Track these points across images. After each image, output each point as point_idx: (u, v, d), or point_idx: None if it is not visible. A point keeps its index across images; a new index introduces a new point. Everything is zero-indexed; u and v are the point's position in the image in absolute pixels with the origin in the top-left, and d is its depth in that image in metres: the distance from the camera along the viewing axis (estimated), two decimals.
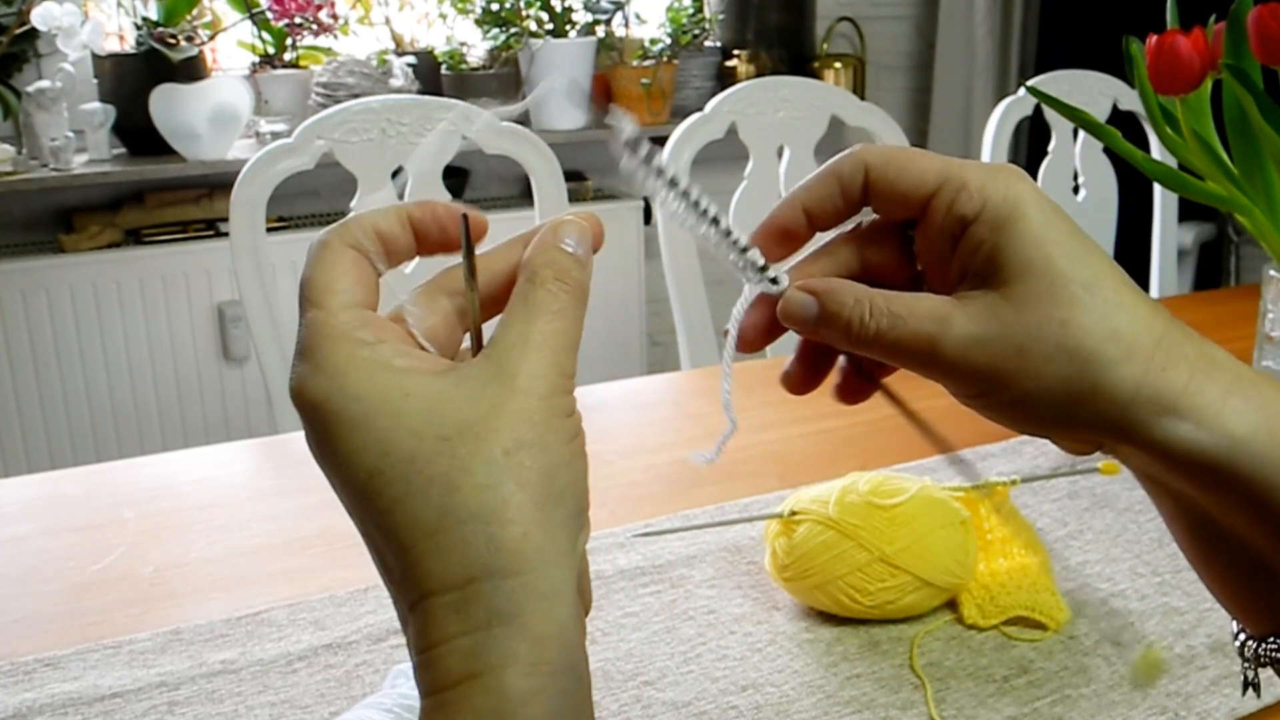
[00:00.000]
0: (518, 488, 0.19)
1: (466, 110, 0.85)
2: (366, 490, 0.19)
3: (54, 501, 0.54)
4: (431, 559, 0.19)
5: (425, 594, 0.19)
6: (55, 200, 1.39)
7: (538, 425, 0.20)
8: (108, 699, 0.38)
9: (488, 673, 0.18)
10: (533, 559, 0.19)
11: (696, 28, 1.56)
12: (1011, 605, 0.41)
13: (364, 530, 0.20)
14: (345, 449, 0.19)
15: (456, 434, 0.19)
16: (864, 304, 0.23)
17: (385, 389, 0.20)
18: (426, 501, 0.19)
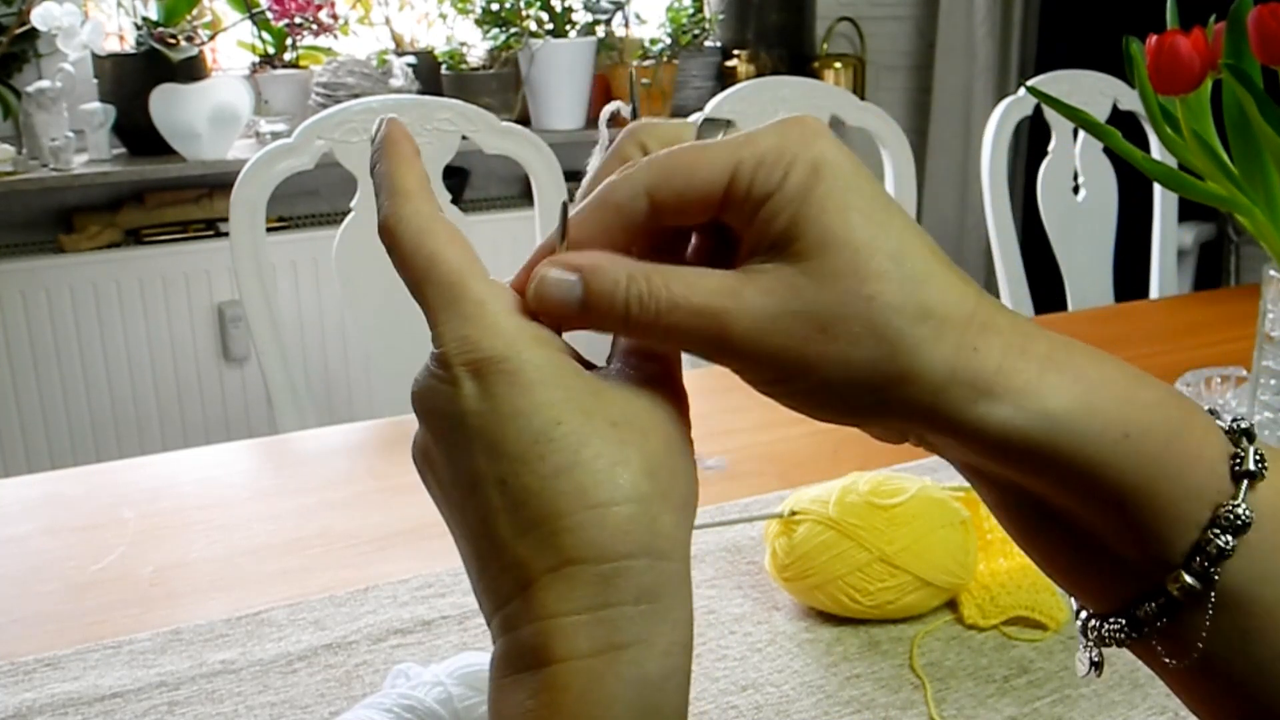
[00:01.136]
0: (671, 483, 0.20)
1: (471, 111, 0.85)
2: (528, 454, 0.19)
3: (54, 501, 0.54)
4: (591, 529, 0.18)
5: (571, 560, 0.18)
6: (55, 200, 1.39)
7: (682, 438, 0.21)
8: (108, 699, 0.37)
9: (631, 647, 0.18)
10: (680, 549, 0.19)
11: (696, 28, 1.56)
12: (1012, 605, 0.41)
13: (492, 488, 0.19)
14: (513, 408, 0.19)
15: (624, 423, 0.19)
16: (639, 282, 0.19)
17: (559, 363, 0.19)
18: (594, 476, 0.19)
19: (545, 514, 0.19)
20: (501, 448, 0.19)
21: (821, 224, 0.19)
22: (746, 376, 0.20)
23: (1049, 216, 1.04)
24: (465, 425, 0.19)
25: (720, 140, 0.20)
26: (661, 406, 0.21)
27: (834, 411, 0.20)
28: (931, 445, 0.20)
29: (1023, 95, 1.02)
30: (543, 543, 0.19)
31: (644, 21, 1.61)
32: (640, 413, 0.20)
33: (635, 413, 0.20)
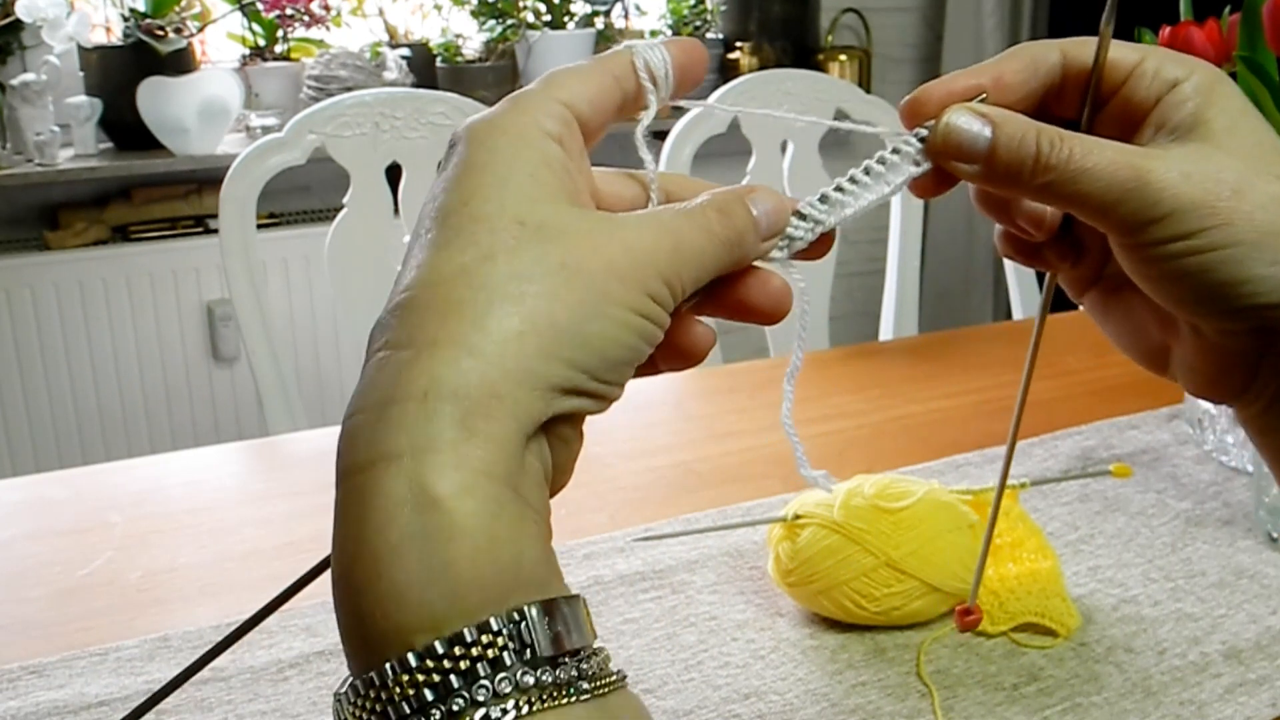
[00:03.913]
0: (537, 299, 0.18)
1: None
2: (423, 224, 0.19)
3: (39, 505, 0.53)
4: (416, 310, 0.18)
5: (389, 345, 0.17)
6: (40, 196, 1.37)
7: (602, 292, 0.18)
8: (94, 707, 0.37)
9: (412, 454, 0.16)
10: (511, 360, 0.17)
11: (698, 19, 1.55)
12: (1021, 611, 0.40)
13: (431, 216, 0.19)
14: (445, 185, 0.19)
15: (533, 226, 0.18)
16: (1049, 131, 0.21)
17: (522, 159, 0.19)
18: (455, 256, 0.18)
19: (396, 289, 0.18)
20: (417, 220, 0.19)
21: (1228, 115, 0.21)
22: (1147, 234, 0.21)
23: None
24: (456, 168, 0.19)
25: None
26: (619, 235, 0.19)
27: (1224, 282, 0.20)
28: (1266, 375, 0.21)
29: None
30: (381, 321, 0.18)
31: (644, 13, 1.59)
32: (585, 231, 0.19)
33: (582, 229, 0.19)
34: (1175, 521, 0.48)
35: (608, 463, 0.56)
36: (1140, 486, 0.51)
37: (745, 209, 0.21)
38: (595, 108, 0.21)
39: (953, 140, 0.22)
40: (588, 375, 0.18)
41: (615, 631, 0.40)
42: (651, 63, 0.22)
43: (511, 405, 0.17)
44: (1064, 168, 0.21)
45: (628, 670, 0.38)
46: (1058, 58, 0.23)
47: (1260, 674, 0.37)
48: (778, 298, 0.22)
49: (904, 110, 0.23)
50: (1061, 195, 0.21)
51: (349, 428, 0.18)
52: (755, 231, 0.21)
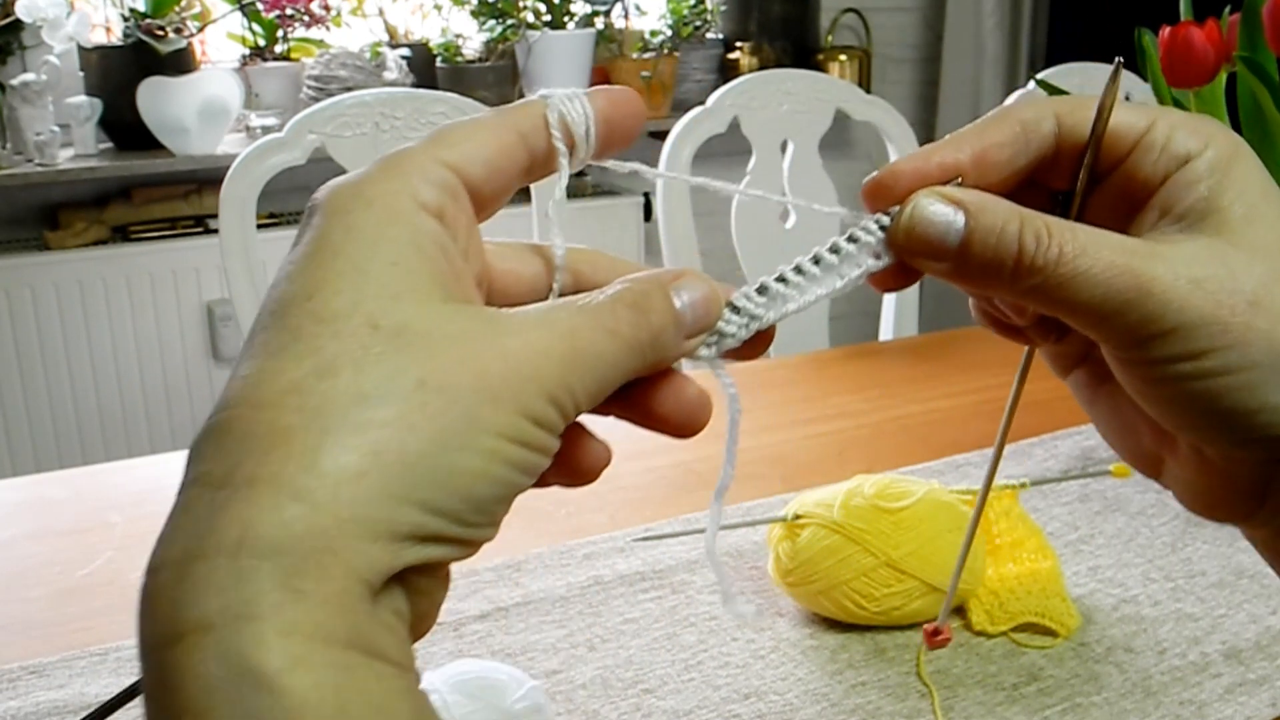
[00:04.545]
0: (383, 427, 0.14)
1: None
2: (259, 321, 0.16)
3: (39, 505, 0.53)
4: (232, 438, 0.14)
5: (198, 480, 0.14)
6: (40, 196, 1.37)
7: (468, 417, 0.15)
8: (94, 707, 0.37)
9: (226, 624, 0.13)
10: (346, 507, 0.14)
11: (698, 19, 1.55)
12: (1021, 611, 0.40)
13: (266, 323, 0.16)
14: (292, 269, 0.16)
15: (390, 331, 0.15)
16: (1036, 221, 0.17)
17: (388, 242, 0.15)
18: (286, 368, 0.14)
19: (216, 404, 0.15)
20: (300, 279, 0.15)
21: (1247, 201, 0.18)
22: (1146, 352, 0.17)
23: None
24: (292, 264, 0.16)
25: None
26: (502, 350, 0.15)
27: (1239, 408, 0.17)
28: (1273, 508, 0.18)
29: (1032, 88, 1.01)
30: (195, 445, 0.15)
31: (644, 13, 1.59)
32: (450, 336, 0.15)
33: (439, 332, 0.15)
34: (1175, 521, 0.48)
35: None
36: (1140, 486, 0.51)
37: (666, 301, 0.17)
38: (491, 170, 0.17)
39: (918, 233, 0.18)
40: (446, 519, 0.15)
41: (615, 632, 0.40)
42: (569, 117, 0.18)
43: (348, 559, 0.14)
44: (1052, 270, 0.17)
45: (628, 670, 0.38)
46: (1051, 126, 0.19)
47: (1260, 674, 0.37)
48: (690, 410, 0.18)
49: (867, 191, 0.19)
50: (1048, 301, 0.18)
51: (148, 589, 0.14)
52: (677, 328, 0.17)
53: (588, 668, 0.38)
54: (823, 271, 0.19)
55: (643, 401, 0.18)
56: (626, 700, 0.37)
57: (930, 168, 0.19)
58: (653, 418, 0.18)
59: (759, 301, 0.19)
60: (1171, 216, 0.18)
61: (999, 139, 0.19)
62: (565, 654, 0.39)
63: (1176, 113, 0.19)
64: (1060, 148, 0.19)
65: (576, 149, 0.19)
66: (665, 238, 0.89)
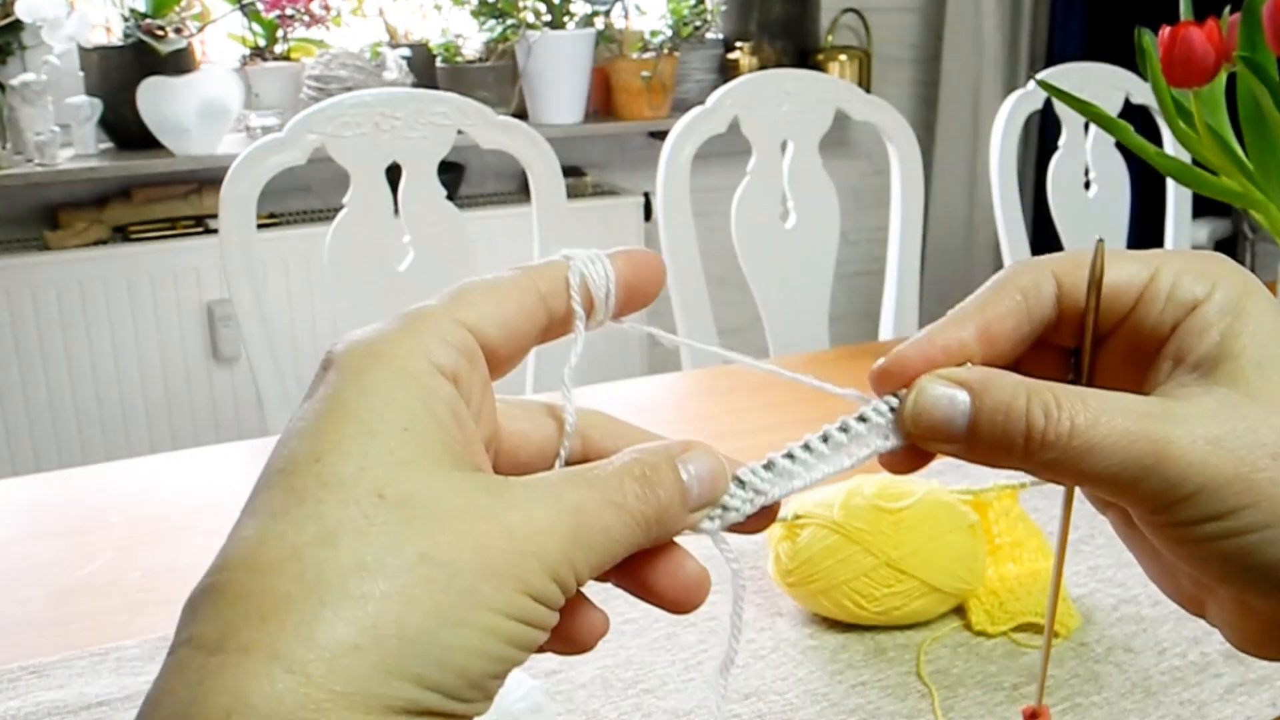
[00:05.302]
0: (382, 601, 0.14)
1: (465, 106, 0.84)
2: (264, 478, 0.16)
3: (39, 505, 0.53)
4: (229, 601, 0.14)
5: (191, 642, 0.14)
6: (40, 196, 1.37)
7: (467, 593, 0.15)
8: (94, 707, 0.37)
9: None
10: (339, 682, 0.14)
11: (698, 19, 1.54)
12: (1021, 611, 0.40)
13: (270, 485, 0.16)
14: (301, 425, 0.16)
15: (395, 502, 0.15)
16: (1044, 393, 0.17)
17: (400, 406, 0.16)
18: (288, 533, 0.14)
19: (215, 562, 0.15)
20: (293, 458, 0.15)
21: (1260, 344, 0.17)
22: (1165, 516, 0.17)
23: (1059, 213, 1.03)
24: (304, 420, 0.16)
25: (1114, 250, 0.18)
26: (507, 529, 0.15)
27: (1261, 563, 0.17)
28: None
29: (1032, 89, 1.01)
30: (191, 603, 0.15)
31: (644, 13, 1.59)
32: (449, 514, 0.15)
33: (445, 511, 0.15)
34: None
35: None
36: None
37: (674, 475, 0.17)
38: (509, 332, 0.17)
39: (924, 419, 0.18)
40: (440, 695, 0.15)
41: (615, 631, 0.40)
42: (590, 280, 0.18)
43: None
44: (1065, 445, 0.17)
45: (628, 670, 0.38)
46: (1051, 289, 0.19)
47: (1260, 674, 0.37)
48: (688, 589, 0.18)
49: (874, 377, 0.19)
50: (1064, 473, 0.17)
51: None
52: (683, 503, 0.17)
53: (588, 668, 0.38)
54: (831, 450, 0.19)
55: (641, 575, 0.18)
56: (626, 700, 0.37)
57: (935, 351, 0.18)
58: (650, 592, 0.18)
59: (765, 477, 0.19)
60: (1186, 366, 0.18)
61: (1000, 310, 0.19)
62: None
63: (1180, 256, 0.19)
64: (1062, 309, 0.19)
65: (595, 311, 0.19)
66: (665, 238, 0.89)
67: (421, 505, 0.15)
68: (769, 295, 0.95)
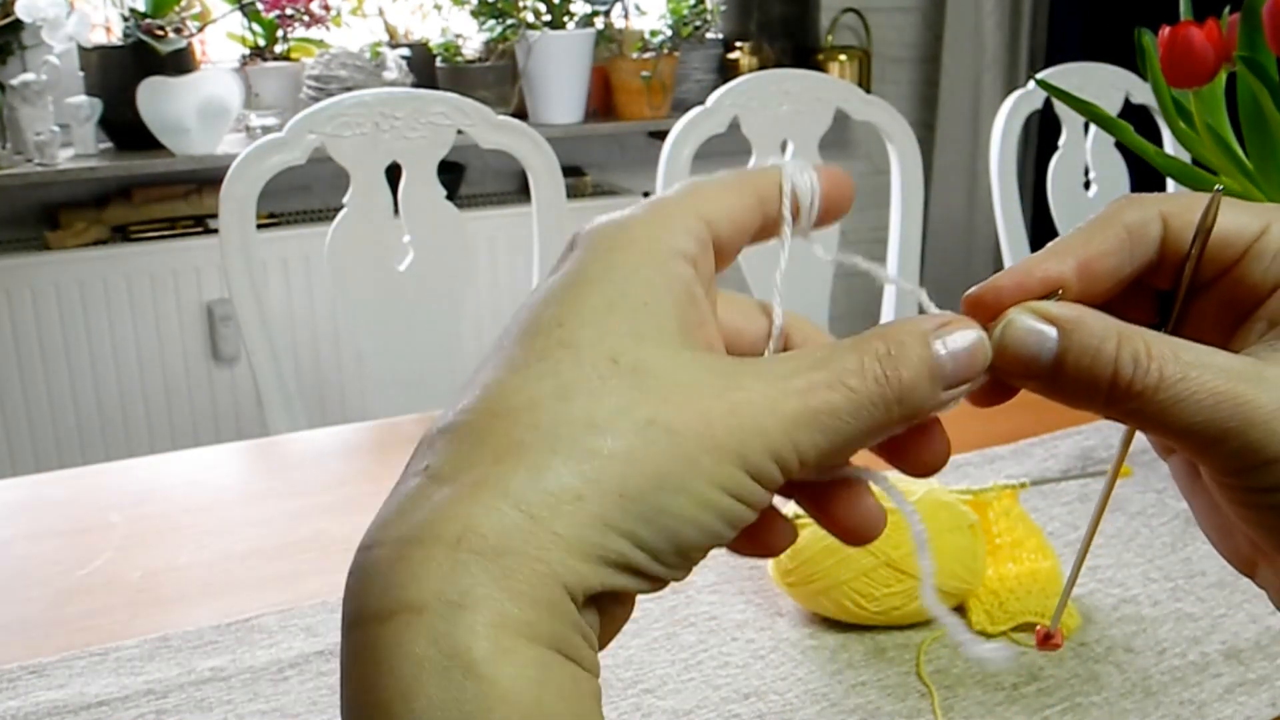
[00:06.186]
0: (609, 458, 0.15)
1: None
2: (509, 337, 0.16)
3: (39, 505, 0.53)
4: (469, 440, 0.15)
5: (430, 473, 0.15)
6: (40, 196, 1.37)
7: (689, 462, 0.15)
8: (94, 707, 0.37)
9: (439, 609, 0.14)
10: (561, 526, 0.15)
11: (698, 19, 1.54)
12: (1021, 611, 0.40)
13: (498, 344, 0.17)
14: (549, 295, 0.16)
15: (629, 369, 0.15)
16: (1135, 340, 0.16)
17: (642, 283, 0.16)
18: (528, 385, 0.15)
19: (459, 404, 0.16)
20: (509, 324, 0.16)
21: None
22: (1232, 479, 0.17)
23: (1059, 212, 1.03)
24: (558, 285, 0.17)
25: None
26: (731, 395, 0.15)
27: None
28: None
29: (1032, 89, 1.01)
30: (431, 439, 0.16)
31: (644, 13, 1.59)
32: (684, 382, 0.15)
33: (674, 376, 0.15)
34: (1175, 521, 0.48)
35: None
36: (1140, 486, 0.51)
37: (923, 351, 0.16)
38: (735, 228, 0.18)
39: (1010, 351, 0.17)
40: (648, 555, 0.15)
41: None
42: (799, 189, 0.19)
43: (558, 570, 0.14)
44: (1151, 396, 0.16)
45: (628, 670, 0.38)
46: (1157, 230, 0.18)
47: (1260, 674, 0.37)
48: (867, 519, 0.18)
49: (967, 305, 0.19)
50: (1144, 423, 0.17)
51: (363, 563, 0.15)
52: (933, 381, 0.16)
53: None
54: None
55: (826, 502, 0.18)
56: (626, 700, 0.37)
57: (1032, 282, 0.18)
58: (831, 519, 0.18)
59: None
60: (1279, 330, 0.17)
61: (1104, 247, 0.18)
62: None
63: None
64: (1165, 252, 0.19)
65: (800, 219, 0.19)
66: None
67: (652, 375, 0.16)
68: (768, 295, 0.94)
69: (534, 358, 0.16)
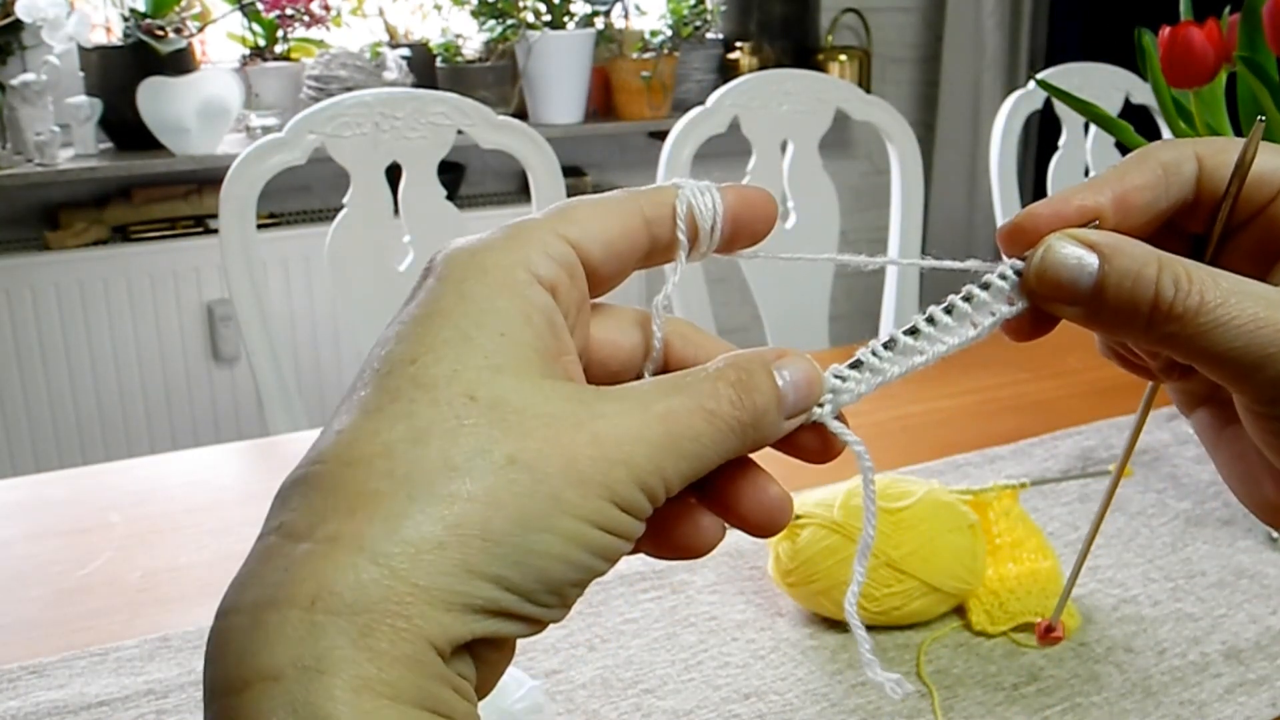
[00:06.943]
0: (469, 501, 0.14)
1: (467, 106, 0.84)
2: (361, 378, 0.16)
3: (39, 505, 0.53)
4: (321, 493, 0.14)
5: (281, 530, 0.15)
6: (40, 196, 1.37)
7: (553, 499, 0.15)
8: (94, 707, 0.37)
9: (296, 675, 0.13)
10: (422, 576, 0.14)
11: (698, 19, 1.54)
12: (1021, 611, 0.40)
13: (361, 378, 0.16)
14: (400, 330, 0.16)
15: (486, 405, 0.15)
16: (1175, 265, 0.16)
17: (497, 313, 0.16)
18: (381, 430, 0.15)
19: (310, 454, 0.15)
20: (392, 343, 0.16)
21: None
22: (1268, 409, 0.17)
23: None
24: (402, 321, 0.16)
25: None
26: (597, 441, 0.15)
27: None
28: None
29: (1032, 89, 1.01)
30: (283, 492, 0.15)
31: (644, 13, 1.59)
32: (545, 415, 0.15)
33: (534, 410, 0.15)
34: (1175, 521, 0.48)
35: None
36: (1140, 487, 0.51)
37: (770, 380, 0.17)
38: (611, 252, 0.17)
39: (1049, 276, 0.17)
40: (519, 597, 0.15)
41: (615, 632, 0.40)
42: (696, 210, 0.18)
43: (420, 625, 0.14)
44: (1191, 319, 0.16)
45: (628, 670, 0.38)
46: (1193, 169, 0.18)
47: (1260, 674, 0.37)
48: (771, 511, 0.18)
49: (1003, 235, 0.19)
50: (1184, 349, 0.17)
51: (219, 631, 0.14)
52: (778, 409, 0.17)
53: (588, 668, 0.38)
54: (956, 320, 0.18)
55: (726, 496, 0.18)
56: (627, 700, 0.37)
57: (1069, 210, 0.18)
58: (733, 513, 0.18)
59: (886, 356, 0.18)
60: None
61: (1139, 182, 0.18)
62: (565, 654, 0.39)
63: None
64: (1200, 191, 0.19)
65: (699, 243, 0.18)
66: None
67: (512, 410, 0.15)
68: (769, 295, 0.95)
69: (387, 400, 0.15)
